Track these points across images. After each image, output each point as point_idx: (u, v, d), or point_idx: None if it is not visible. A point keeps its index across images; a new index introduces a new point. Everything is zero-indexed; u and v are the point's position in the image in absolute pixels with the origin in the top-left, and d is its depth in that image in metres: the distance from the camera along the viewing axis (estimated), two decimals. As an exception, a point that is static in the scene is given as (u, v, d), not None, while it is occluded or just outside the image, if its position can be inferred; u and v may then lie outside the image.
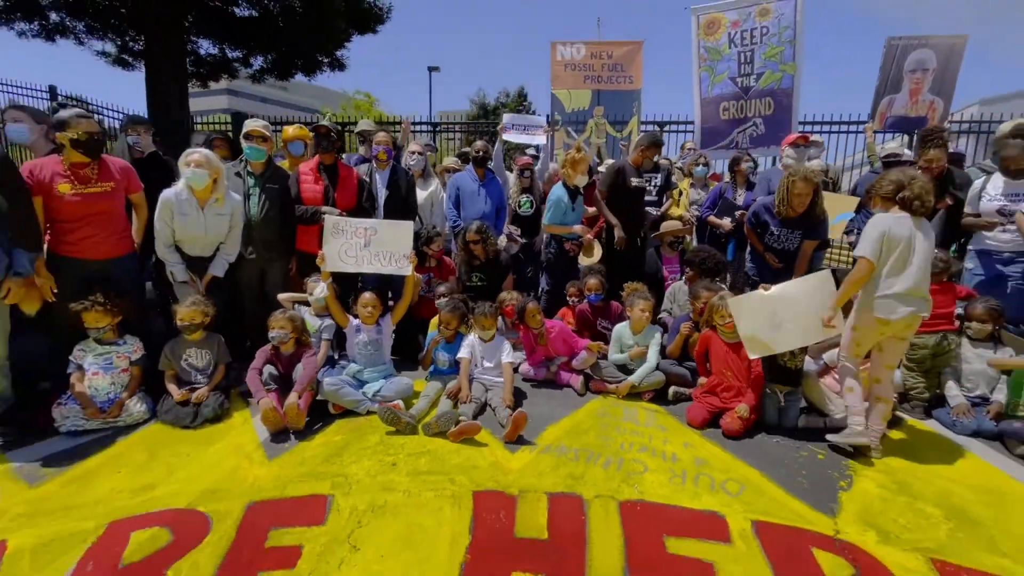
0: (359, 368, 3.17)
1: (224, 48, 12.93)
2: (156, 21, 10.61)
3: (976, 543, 1.95)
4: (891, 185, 2.43)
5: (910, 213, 2.40)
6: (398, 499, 2.14)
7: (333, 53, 13.45)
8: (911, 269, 2.36)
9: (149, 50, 11.17)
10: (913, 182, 2.38)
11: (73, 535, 1.87)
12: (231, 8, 11.98)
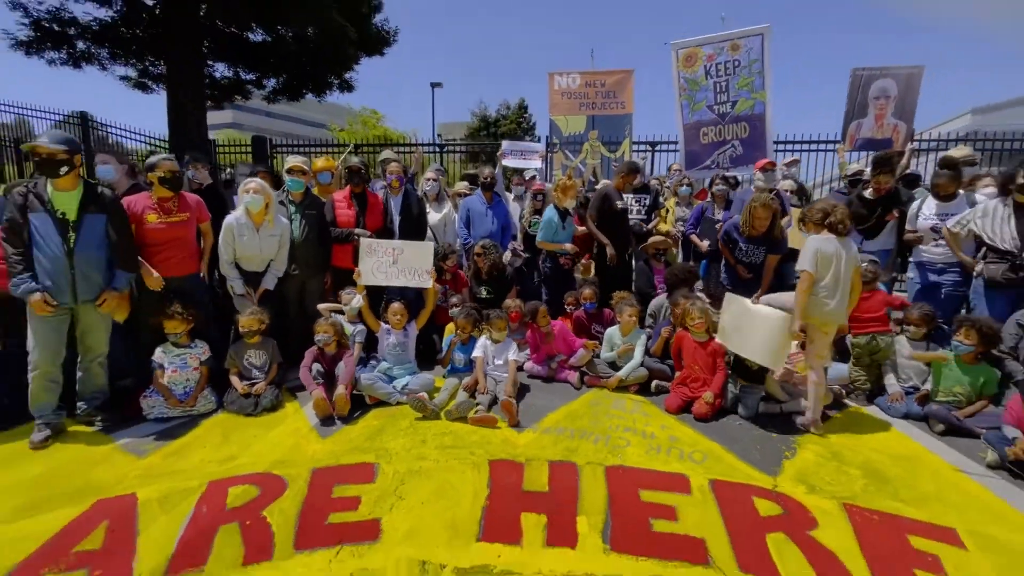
0: (389, 366, 3.75)
1: (238, 71, 13.64)
2: (177, 48, 11.30)
3: (882, 494, 2.51)
4: (819, 214, 3.04)
5: (835, 234, 3.00)
6: (430, 465, 2.70)
7: (342, 75, 14.16)
8: (841, 286, 2.97)
9: (171, 76, 11.86)
10: (835, 210, 2.99)
11: (185, 489, 2.44)
12: (246, 34, 12.72)
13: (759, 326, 3.21)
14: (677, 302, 3.85)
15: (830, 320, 3.05)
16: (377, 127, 24.20)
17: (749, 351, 3.27)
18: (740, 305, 3.38)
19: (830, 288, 3.01)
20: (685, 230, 5.54)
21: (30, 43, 11.48)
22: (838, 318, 3.06)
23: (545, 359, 4.10)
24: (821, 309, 3.01)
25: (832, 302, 3.00)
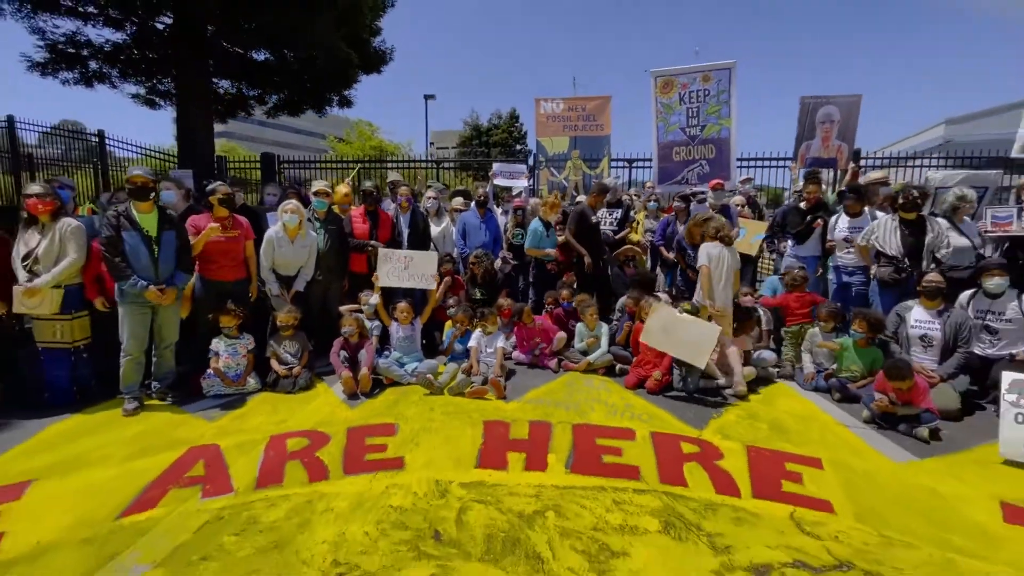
0: (400, 355, 4.56)
1: (241, 87, 14.38)
2: (186, 68, 12.04)
3: (778, 440, 3.35)
4: (713, 229, 4.17)
5: (721, 243, 4.03)
6: (437, 425, 3.51)
7: (342, 92, 14.95)
8: (724, 279, 4.00)
9: (180, 94, 12.60)
10: (723, 226, 4.09)
11: (253, 441, 3.24)
12: (250, 53, 13.50)
13: (691, 331, 4.06)
14: (636, 299, 4.70)
15: (720, 305, 4.22)
16: (373, 139, 25.04)
17: (676, 351, 4.10)
18: (669, 312, 4.22)
19: (717, 279, 4.16)
20: (654, 240, 6.40)
21: (46, 64, 12.15)
22: (726, 301, 4.19)
23: (529, 349, 4.92)
24: (714, 294, 4.02)
25: (719, 287, 4.20)
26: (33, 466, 2.90)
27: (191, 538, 2.25)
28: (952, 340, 3.81)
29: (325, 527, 2.33)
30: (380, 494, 2.62)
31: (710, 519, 2.43)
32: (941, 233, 4.27)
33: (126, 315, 3.66)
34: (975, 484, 2.78)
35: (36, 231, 3.71)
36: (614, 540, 2.25)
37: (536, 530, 2.32)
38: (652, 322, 4.20)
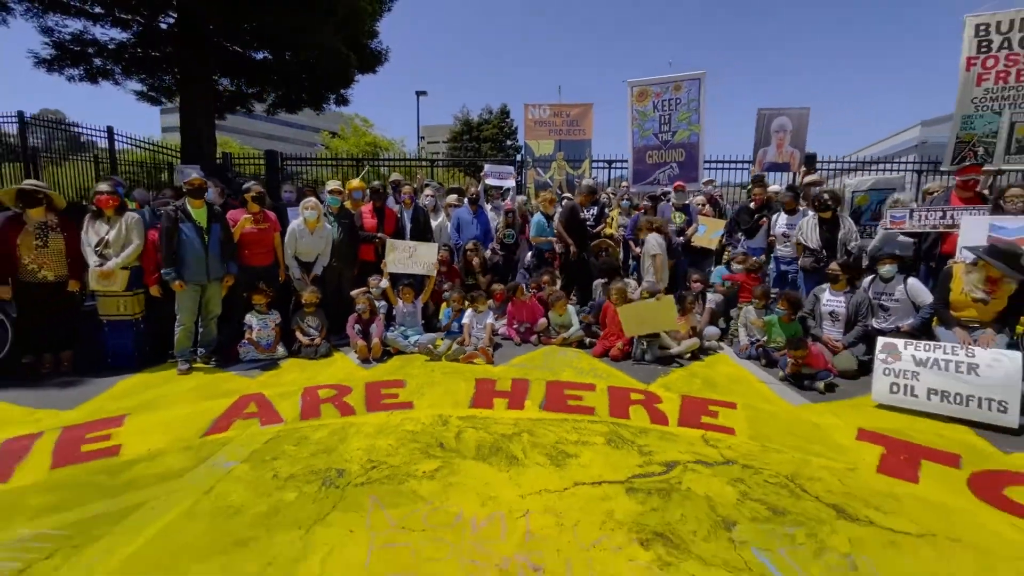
0: (404, 328, 5.39)
1: (240, 85, 14.94)
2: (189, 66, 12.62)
3: (708, 391, 4.23)
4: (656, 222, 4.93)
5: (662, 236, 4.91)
6: (438, 380, 4.36)
7: (339, 91, 15.56)
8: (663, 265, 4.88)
9: (183, 92, 13.18)
10: (664, 224, 4.90)
11: (290, 391, 4.05)
12: (249, 52, 14.08)
13: (654, 309, 4.96)
14: (607, 285, 5.57)
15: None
16: (367, 135, 25.66)
17: (652, 329, 5.00)
18: (638, 307, 5.10)
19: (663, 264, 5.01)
20: (625, 234, 7.27)
21: (52, 61, 12.68)
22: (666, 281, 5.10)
23: (519, 322, 5.77)
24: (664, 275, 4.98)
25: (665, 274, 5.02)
26: (122, 406, 3.71)
27: (261, 447, 3.08)
28: (854, 315, 4.73)
29: (358, 441, 3.17)
30: (397, 424, 3.46)
31: (641, 438, 3.31)
32: (851, 229, 5.19)
33: (181, 293, 4.45)
34: (845, 418, 3.69)
35: (103, 222, 4.48)
36: (570, 448, 3.12)
37: (514, 443, 3.17)
38: (626, 318, 5.04)
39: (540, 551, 2.14)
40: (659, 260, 5.10)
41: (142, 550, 2.13)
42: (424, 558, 2.09)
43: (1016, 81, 6.34)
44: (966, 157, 6.64)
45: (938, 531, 2.34)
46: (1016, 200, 4.32)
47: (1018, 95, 6.37)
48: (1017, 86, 6.36)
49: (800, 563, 2.10)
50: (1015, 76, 6.33)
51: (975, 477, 2.86)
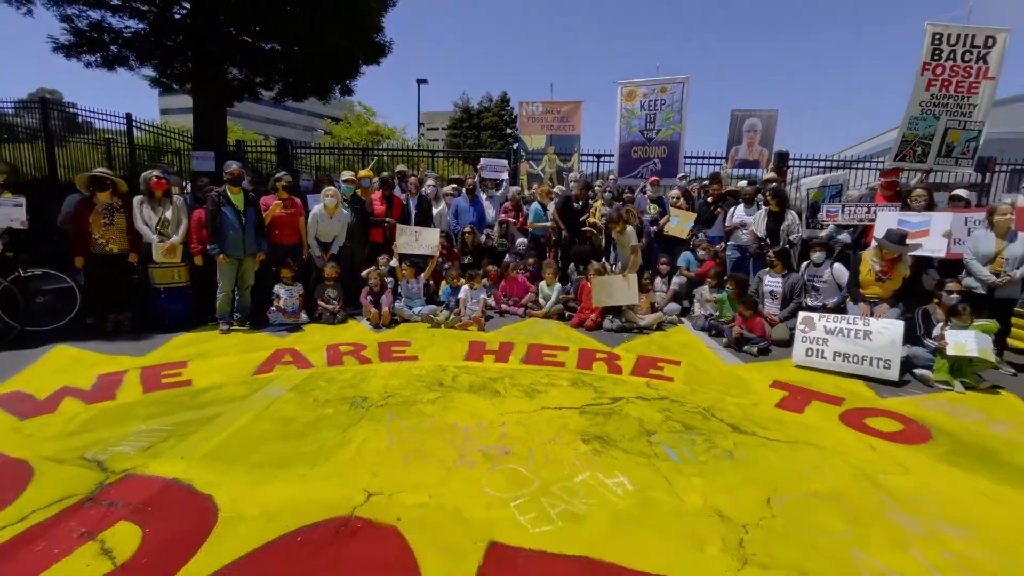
0: (409, 300, 6.25)
1: (249, 74, 15.55)
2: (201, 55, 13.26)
3: (661, 352, 5.12)
4: (631, 216, 5.72)
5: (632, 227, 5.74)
6: (438, 342, 5.24)
7: (344, 82, 16.19)
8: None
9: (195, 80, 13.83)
10: (633, 216, 5.69)
11: (316, 347, 4.93)
12: (258, 43, 14.70)
13: (621, 284, 5.84)
14: (586, 267, 6.44)
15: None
16: (370, 123, 26.32)
17: (621, 301, 5.88)
18: (607, 280, 5.97)
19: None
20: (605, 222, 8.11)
21: (70, 47, 13.32)
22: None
23: (510, 295, 6.65)
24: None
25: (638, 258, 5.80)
26: (181, 354, 4.58)
27: (301, 382, 3.97)
28: (789, 294, 5.61)
29: (376, 381, 4.06)
30: (405, 370, 4.34)
31: (599, 383, 4.20)
32: (793, 223, 6.06)
33: (223, 265, 5.30)
34: (765, 373, 4.58)
35: (155, 204, 5.31)
36: (541, 387, 4.01)
37: (497, 383, 4.06)
38: (600, 294, 5.92)
39: (511, 444, 3.03)
40: (637, 249, 5.92)
41: (228, 438, 3.01)
42: (429, 445, 2.98)
43: (955, 91, 7.16)
44: (906, 156, 7.50)
45: (800, 439, 3.24)
46: (919, 199, 5.18)
47: (954, 103, 7.19)
48: (955, 95, 7.18)
49: (693, 453, 3.00)
50: (954, 86, 7.15)
51: (848, 412, 3.77)
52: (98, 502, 2.32)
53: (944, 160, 7.49)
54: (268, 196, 5.83)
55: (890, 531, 2.31)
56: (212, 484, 2.48)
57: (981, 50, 6.99)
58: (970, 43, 6.93)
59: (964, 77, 7.08)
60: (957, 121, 7.30)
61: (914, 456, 3.10)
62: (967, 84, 7.12)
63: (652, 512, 2.39)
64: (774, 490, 2.61)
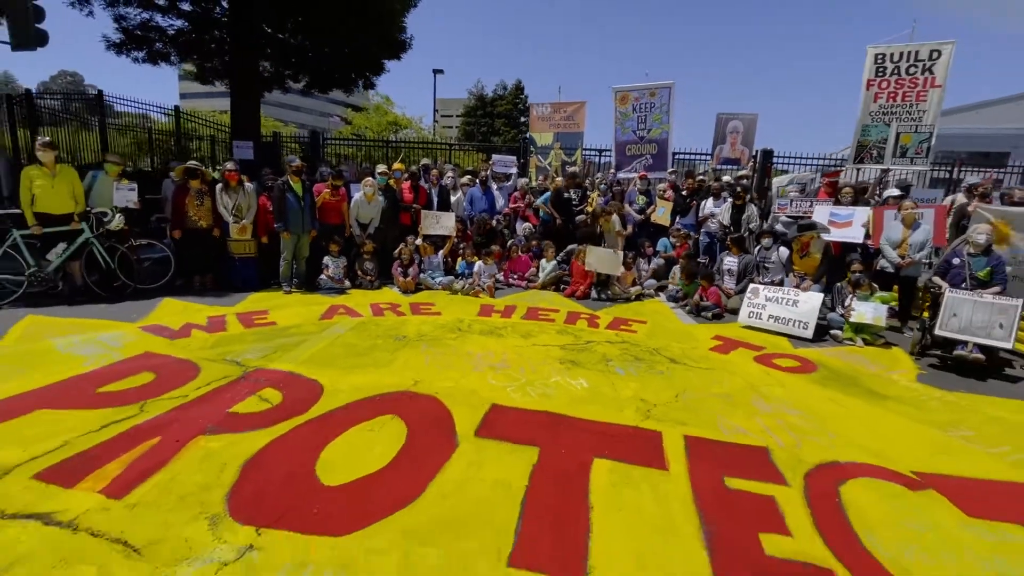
0: (431, 272, 7.59)
1: (279, 67, 16.79)
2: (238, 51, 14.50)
3: (633, 314, 6.40)
4: (613, 207, 6.96)
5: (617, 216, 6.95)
6: (456, 303, 6.58)
7: (368, 77, 17.39)
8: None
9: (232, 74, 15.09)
10: (613, 205, 6.91)
11: (362, 304, 6.29)
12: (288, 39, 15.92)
13: (610, 256, 7.12)
14: (577, 247, 7.72)
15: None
16: (389, 114, 27.57)
17: (607, 270, 7.15)
18: (600, 250, 7.23)
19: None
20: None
21: (121, 45, 14.70)
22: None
23: (515, 272, 7.96)
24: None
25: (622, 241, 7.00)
26: (261, 306, 5.97)
27: (356, 325, 5.33)
28: (743, 272, 6.85)
29: (411, 326, 5.41)
30: (432, 320, 5.69)
31: (578, 332, 5.50)
32: (753, 214, 7.27)
33: (286, 240, 6.67)
34: (712, 330, 5.85)
35: (231, 191, 6.68)
36: (534, 333, 5.32)
37: (501, 330, 5.39)
38: (591, 260, 7.20)
39: (509, 362, 4.36)
40: (621, 233, 7.19)
41: (315, 354, 4.37)
42: (452, 362, 4.32)
43: (902, 101, 8.24)
44: (865, 158, 8.61)
45: (717, 368, 4.53)
46: (846, 195, 6.37)
47: (903, 111, 8.27)
48: (903, 104, 8.25)
49: (636, 371, 4.30)
50: (901, 97, 8.23)
51: (763, 355, 5.04)
52: (248, 379, 3.70)
53: (900, 160, 8.58)
54: (319, 184, 7.18)
55: (749, 410, 3.61)
56: (315, 374, 3.86)
57: (927, 63, 8.04)
58: (914, 58, 7.99)
59: (911, 88, 8.15)
60: (908, 126, 8.38)
61: (795, 379, 4.38)
62: (915, 93, 8.18)
63: (597, 397, 3.71)
64: (683, 390, 3.92)
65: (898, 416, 3.69)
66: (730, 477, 2.69)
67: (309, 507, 2.28)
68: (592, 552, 2.08)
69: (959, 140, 27.79)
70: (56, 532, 2.03)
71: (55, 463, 2.51)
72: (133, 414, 3.08)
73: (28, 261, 5.57)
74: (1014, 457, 3.14)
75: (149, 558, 1.92)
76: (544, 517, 2.29)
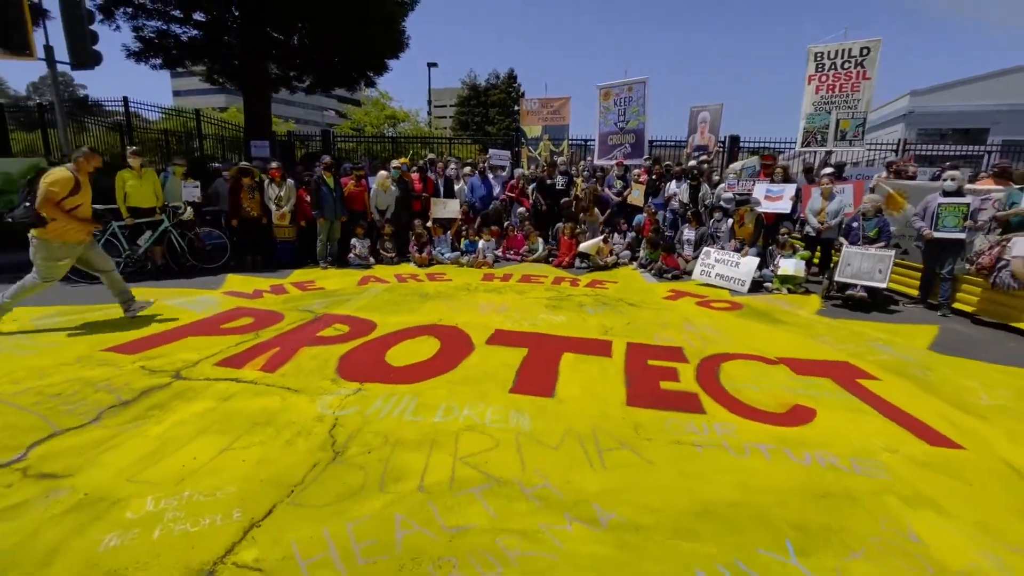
0: (441, 249, 9.04)
1: (285, 69, 17.97)
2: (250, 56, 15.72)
3: (607, 278, 7.87)
4: (592, 191, 8.38)
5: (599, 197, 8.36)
6: (464, 273, 8.05)
7: (369, 76, 18.59)
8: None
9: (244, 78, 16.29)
10: (593, 190, 8.33)
11: (387, 275, 7.75)
12: (293, 42, 17.11)
13: (594, 243, 8.57)
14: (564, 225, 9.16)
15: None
16: (387, 108, 28.78)
17: (594, 251, 8.61)
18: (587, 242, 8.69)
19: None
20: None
21: (139, 53, 15.91)
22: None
23: (510, 249, 9.41)
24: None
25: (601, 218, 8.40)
26: (307, 278, 7.42)
27: (386, 287, 6.79)
28: (699, 241, 8.30)
29: (430, 288, 6.87)
30: (446, 284, 7.15)
31: (562, 290, 6.97)
32: (707, 193, 8.70)
33: (322, 224, 8.11)
34: (669, 287, 7.32)
35: (275, 185, 8.09)
36: (527, 291, 6.79)
37: (501, 289, 6.85)
38: (583, 247, 8.63)
39: (508, 307, 5.84)
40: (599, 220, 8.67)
41: (361, 306, 5.83)
42: (465, 308, 5.79)
43: (839, 92, 9.64)
44: (811, 142, 10.03)
45: (666, 308, 6.01)
46: (778, 174, 7.81)
47: (841, 101, 9.67)
48: (840, 95, 9.65)
49: (603, 310, 5.77)
50: (838, 88, 9.62)
51: (703, 301, 6.51)
52: (320, 320, 5.17)
53: (840, 142, 10.00)
54: (345, 178, 8.60)
55: (679, 330, 5.10)
56: (367, 316, 5.33)
57: (859, 59, 9.43)
58: (847, 55, 9.38)
59: (847, 80, 9.55)
60: (846, 113, 9.78)
61: (722, 314, 5.87)
62: (850, 85, 9.58)
63: (571, 325, 5.20)
64: (634, 321, 5.40)
65: (785, 332, 5.18)
66: (651, 360, 4.18)
67: (387, 375, 3.75)
68: (557, 387, 3.57)
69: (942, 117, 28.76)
70: (245, 385, 3.51)
71: (223, 358, 3.99)
72: (252, 338, 4.55)
73: (124, 246, 7.01)
74: (849, 348, 4.63)
75: (304, 392, 3.40)
76: (530, 375, 3.77)
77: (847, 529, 2.14)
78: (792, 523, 2.17)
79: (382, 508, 2.21)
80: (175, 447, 2.67)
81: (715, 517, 2.21)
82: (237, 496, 2.27)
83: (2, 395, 3.24)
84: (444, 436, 2.85)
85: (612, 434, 2.93)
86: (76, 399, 3.21)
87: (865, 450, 2.81)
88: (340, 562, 1.89)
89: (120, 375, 3.62)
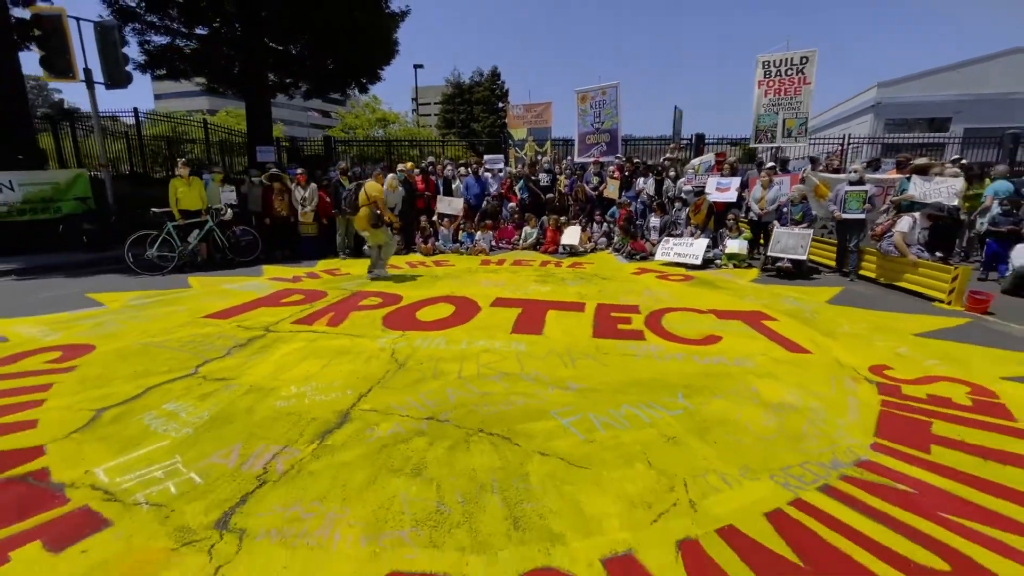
0: (444, 241, 10.42)
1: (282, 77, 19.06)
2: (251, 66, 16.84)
3: (585, 260, 9.32)
4: (583, 192, 9.81)
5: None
6: (464, 259, 9.44)
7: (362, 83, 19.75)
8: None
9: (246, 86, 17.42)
10: (579, 188, 9.76)
11: (399, 262, 9.12)
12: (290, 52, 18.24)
13: (576, 234, 10.00)
14: (552, 217, 10.58)
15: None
16: (377, 111, 29.93)
17: (576, 242, 10.04)
18: (569, 230, 10.10)
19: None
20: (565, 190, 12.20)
21: (145, 65, 16.97)
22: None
23: (504, 238, 10.82)
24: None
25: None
26: (333, 267, 8.77)
27: (399, 274, 8.17)
28: (663, 228, 9.77)
29: (438, 271, 8.26)
30: (451, 268, 8.54)
31: (547, 269, 8.39)
32: (669, 187, 10.18)
33: (340, 221, 9.44)
34: (636, 266, 8.78)
35: (300, 187, 9.41)
36: (518, 271, 8.21)
37: (497, 270, 8.26)
38: (564, 239, 10.05)
39: (504, 283, 7.25)
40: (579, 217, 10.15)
41: (387, 285, 7.20)
42: (469, 284, 7.19)
43: (784, 95, 11.16)
44: (762, 139, 11.55)
45: (630, 281, 7.48)
46: (728, 168, 9.30)
47: (786, 103, 11.20)
48: (785, 98, 11.17)
49: (581, 283, 7.21)
50: (784, 92, 11.15)
51: (662, 275, 7.98)
52: (357, 295, 6.55)
53: (787, 139, 11.53)
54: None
55: (639, 295, 6.56)
56: (394, 291, 6.71)
57: (799, 67, 10.95)
58: (789, 63, 10.90)
59: (790, 85, 11.07)
60: (791, 113, 11.31)
61: (676, 284, 7.35)
62: (793, 89, 11.11)
63: (554, 293, 6.63)
64: (604, 289, 6.85)
65: (721, 294, 6.66)
66: (613, 312, 5.63)
67: (420, 326, 5.15)
68: (544, 330, 5.00)
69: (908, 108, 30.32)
70: (320, 334, 4.89)
71: (296, 319, 5.35)
72: (309, 308, 5.91)
73: (177, 243, 8.29)
74: (765, 302, 6.11)
75: (365, 336, 4.78)
76: (524, 323, 5.20)
77: (716, 387, 3.61)
78: (684, 385, 3.63)
79: (438, 386, 3.62)
80: (292, 365, 4.05)
81: (638, 385, 3.66)
82: (346, 384, 3.66)
83: (153, 341, 4.60)
84: (469, 355, 4.27)
85: (581, 351, 4.37)
86: (205, 344, 4.58)
87: (746, 355, 4.29)
88: (420, 407, 3.30)
89: (226, 331, 4.98)
